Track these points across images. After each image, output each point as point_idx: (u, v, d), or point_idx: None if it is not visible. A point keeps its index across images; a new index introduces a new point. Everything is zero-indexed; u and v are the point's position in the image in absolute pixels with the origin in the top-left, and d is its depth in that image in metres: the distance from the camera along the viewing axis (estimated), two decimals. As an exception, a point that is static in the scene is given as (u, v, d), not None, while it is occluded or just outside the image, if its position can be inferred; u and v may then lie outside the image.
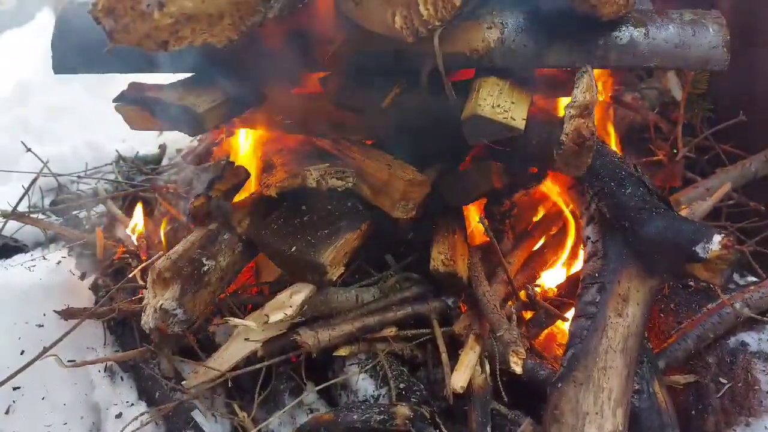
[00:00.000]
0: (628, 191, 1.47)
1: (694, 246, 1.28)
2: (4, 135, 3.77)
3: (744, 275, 1.97)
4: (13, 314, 1.75)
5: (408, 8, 1.18)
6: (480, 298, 1.51)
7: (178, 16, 1.01)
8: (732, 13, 2.19)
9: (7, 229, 2.38)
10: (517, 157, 1.67)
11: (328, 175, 1.49)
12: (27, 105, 4.13)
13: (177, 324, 1.46)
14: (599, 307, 1.39)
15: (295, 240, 1.53)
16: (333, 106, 1.70)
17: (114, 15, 1.00)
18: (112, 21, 1.01)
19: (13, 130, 3.81)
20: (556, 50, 1.60)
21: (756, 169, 1.94)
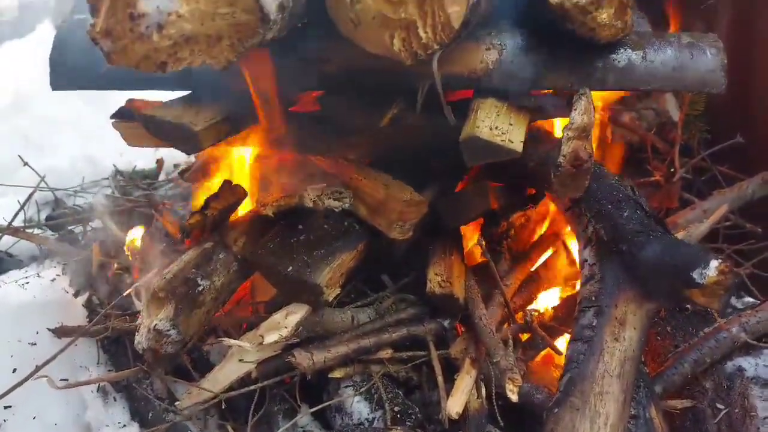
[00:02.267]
0: (626, 214, 1.47)
1: (691, 271, 1.28)
2: (3, 146, 3.78)
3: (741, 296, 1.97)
4: (6, 332, 1.74)
5: (407, 31, 1.19)
6: (476, 321, 1.50)
7: (177, 38, 1.01)
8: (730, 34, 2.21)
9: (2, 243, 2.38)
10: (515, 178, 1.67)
11: (324, 196, 1.49)
12: (26, 116, 4.13)
13: (170, 345, 1.45)
14: (596, 331, 1.38)
15: (292, 260, 1.52)
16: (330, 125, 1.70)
17: (112, 36, 1.00)
18: (110, 42, 1.00)
19: (11, 141, 3.82)
20: (555, 72, 1.60)
21: (753, 191, 1.94)
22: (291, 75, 1.55)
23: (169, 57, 1.04)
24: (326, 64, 1.52)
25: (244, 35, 1.08)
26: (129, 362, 1.70)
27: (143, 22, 0.97)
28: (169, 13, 0.97)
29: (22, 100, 4.31)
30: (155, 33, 0.98)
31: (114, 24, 0.99)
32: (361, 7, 1.17)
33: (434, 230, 1.72)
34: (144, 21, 0.97)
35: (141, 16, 0.97)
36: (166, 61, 1.05)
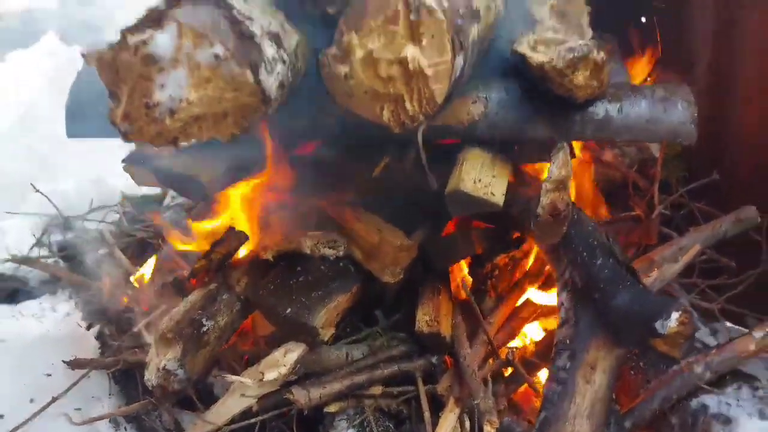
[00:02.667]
0: (599, 262, 1.58)
1: (655, 322, 1.39)
2: (12, 164, 3.90)
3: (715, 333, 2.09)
4: (24, 363, 1.85)
5: (395, 104, 1.30)
6: (460, 362, 1.62)
7: (187, 119, 1.13)
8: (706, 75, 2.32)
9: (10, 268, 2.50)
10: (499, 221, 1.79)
11: (320, 244, 1.61)
12: (34, 134, 4.24)
13: (177, 382, 1.56)
14: (569, 374, 1.49)
15: (290, 302, 1.64)
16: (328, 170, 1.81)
17: (129, 120, 1.12)
18: (128, 125, 1.12)
19: (20, 160, 3.94)
20: (537, 124, 1.72)
21: (726, 229, 2.05)
22: (291, 129, 1.66)
23: (179, 134, 1.16)
24: (324, 119, 1.64)
25: (247, 113, 1.19)
26: (138, 394, 1.82)
27: (157, 109, 1.09)
28: (180, 100, 1.09)
29: (30, 117, 4.42)
30: (168, 117, 1.10)
31: (131, 110, 1.11)
32: (354, 82, 1.29)
33: (424, 269, 1.83)
34: (158, 108, 1.09)
35: (155, 105, 1.08)
36: (177, 137, 1.16)
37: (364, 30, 1.26)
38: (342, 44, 1.29)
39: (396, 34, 1.24)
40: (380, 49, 1.25)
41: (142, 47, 1.04)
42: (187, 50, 1.06)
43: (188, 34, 1.05)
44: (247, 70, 1.11)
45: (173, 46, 1.04)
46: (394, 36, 1.24)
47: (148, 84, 1.07)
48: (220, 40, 1.08)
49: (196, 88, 1.08)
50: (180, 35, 1.05)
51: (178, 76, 1.06)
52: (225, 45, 1.08)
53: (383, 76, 1.27)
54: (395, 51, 1.24)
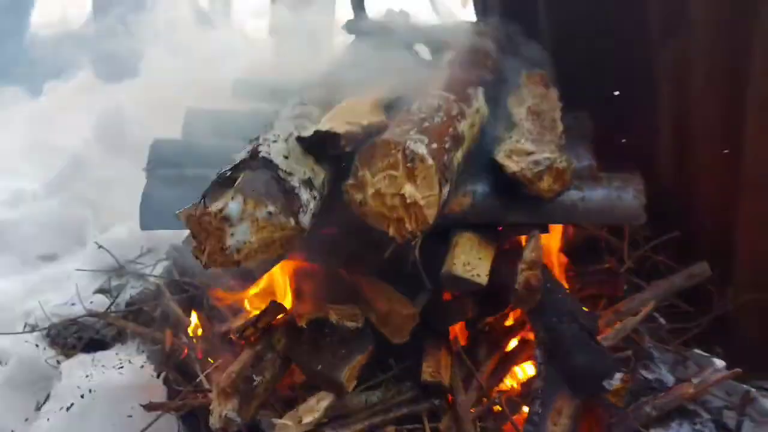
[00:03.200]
0: (565, 327, 2.00)
1: (603, 380, 1.81)
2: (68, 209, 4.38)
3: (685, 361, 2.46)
4: (109, 408, 2.31)
5: (398, 223, 1.72)
6: (457, 405, 2.05)
7: (247, 253, 1.57)
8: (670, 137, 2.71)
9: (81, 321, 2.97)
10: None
11: (343, 318, 2.04)
12: (83, 178, 4.71)
13: (236, 425, 2.02)
14: (541, 418, 1.91)
15: (321, 360, 2.08)
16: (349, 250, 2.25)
17: (208, 254, 1.56)
18: (206, 258, 1.56)
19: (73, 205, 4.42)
20: (515, 211, 2.13)
21: (681, 283, 2.45)
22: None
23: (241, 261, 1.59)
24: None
25: (288, 241, 1.63)
26: (201, 429, 2.27)
27: (228, 249, 1.53)
28: (245, 242, 1.53)
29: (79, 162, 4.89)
30: (235, 254, 1.54)
31: (209, 248, 1.55)
32: (367, 208, 1.72)
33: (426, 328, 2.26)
34: (228, 249, 1.53)
35: (227, 247, 1.52)
36: (239, 261, 1.60)
37: (373, 169, 1.69)
38: (358, 177, 1.72)
39: (397, 176, 1.66)
40: (386, 187, 1.68)
41: (219, 213, 1.48)
42: (250, 212, 1.49)
43: (250, 201, 1.49)
44: (291, 218, 1.55)
45: (239, 210, 1.48)
46: (396, 177, 1.67)
47: (222, 233, 1.51)
48: (272, 200, 1.52)
49: (255, 234, 1.52)
50: (245, 203, 1.49)
51: (243, 228, 1.50)
52: (275, 204, 1.52)
53: (388, 205, 1.70)
54: (397, 188, 1.67)
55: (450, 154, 1.81)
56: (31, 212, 4.52)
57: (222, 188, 1.56)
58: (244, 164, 1.60)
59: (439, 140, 1.78)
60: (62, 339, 2.85)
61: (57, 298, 3.35)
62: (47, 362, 2.69)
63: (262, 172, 1.58)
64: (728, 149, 2.35)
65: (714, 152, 2.44)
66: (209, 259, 1.55)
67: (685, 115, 2.55)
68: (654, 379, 2.28)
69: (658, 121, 2.69)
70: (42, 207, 4.55)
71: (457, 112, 1.99)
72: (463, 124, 1.98)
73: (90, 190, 4.59)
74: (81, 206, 4.44)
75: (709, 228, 2.54)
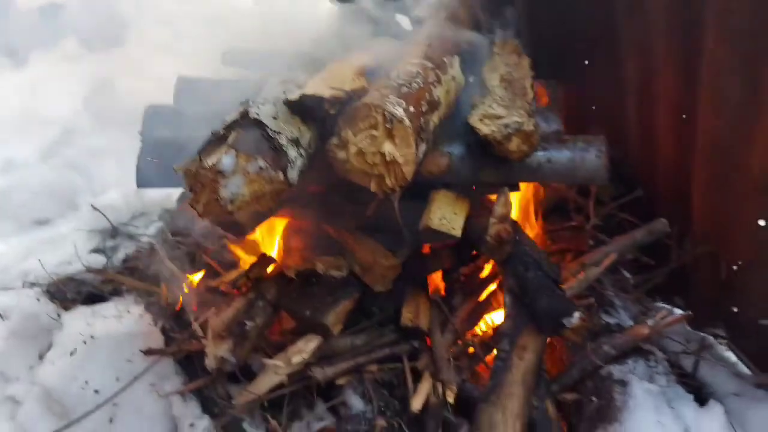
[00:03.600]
0: (530, 275, 2.18)
1: (563, 319, 2.01)
2: (59, 177, 4.49)
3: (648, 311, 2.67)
4: (110, 353, 2.48)
5: (379, 179, 1.89)
6: (434, 345, 2.25)
7: (240, 205, 1.73)
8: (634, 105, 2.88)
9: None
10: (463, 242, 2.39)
11: (330, 267, 2.23)
12: (74, 146, 4.81)
13: (229, 366, 2.20)
14: (508, 353, 2.11)
15: (309, 306, 2.27)
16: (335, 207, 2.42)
17: (203, 206, 1.72)
18: (202, 208, 1.72)
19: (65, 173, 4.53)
20: (487, 171, 2.30)
21: (641, 238, 2.65)
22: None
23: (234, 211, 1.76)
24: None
25: (278, 194, 1.80)
26: (197, 372, 2.44)
27: (222, 200, 1.69)
28: (237, 194, 1.69)
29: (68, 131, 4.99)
30: (228, 204, 1.70)
31: (204, 200, 1.71)
32: (350, 166, 1.88)
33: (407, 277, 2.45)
34: (223, 200, 1.69)
35: (221, 198, 1.68)
36: (232, 212, 1.76)
37: (355, 129, 1.86)
38: (341, 137, 1.89)
39: (377, 136, 1.83)
40: (367, 146, 1.84)
41: (214, 167, 1.64)
42: (242, 165, 1.66)
43: (242, 156, 1.65)
44: (280, 172, 1.71)
45: (233, 164, 1.64)
46: (376, 137, 1.83)
47: (216, 185, 1.67)
48: (262, 155, 1.68)
49: (247, 186, 1.68)
50: (237, 157, 1.65)
51: (236, 180, 1.66)
52: (265, 159, 1.68)
53: (370, 162, 1.87)
54: (377, 146, 1.84)
55: (426, 117, 1.98)
56: (23, 179, 4.60)
57: (216, 145, 1.72)
58: (236, 124, 1.76)
59: (416, 104, 1.95)
60: (61, 295, 3.00)
61: (53, 258, 3.49)
62: (48, 315, 2.85)
63: (252, 131, 1.74)
64: (685, 115, 2.52)
65: (673, 119, 2.61)
66: (205, 210, 1.71)
67: (647, 84, 2.72)
68: (614, 323, 2.49)
69: (623, 89, 2.86)
70: (34, 173, 4.64)
71: (433, 79, 2.15)
72: (438, 90, 2.14)
73: (81, 157, 4.70)
74: (73, 173, 4.56)
75: (668, 188, 2.73)
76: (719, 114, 2.29)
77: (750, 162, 2.22)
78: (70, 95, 5.48)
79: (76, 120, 5.06)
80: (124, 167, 4.75)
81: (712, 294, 2.66)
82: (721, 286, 2.59)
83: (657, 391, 2.21)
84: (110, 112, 5.11)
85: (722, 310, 2.65)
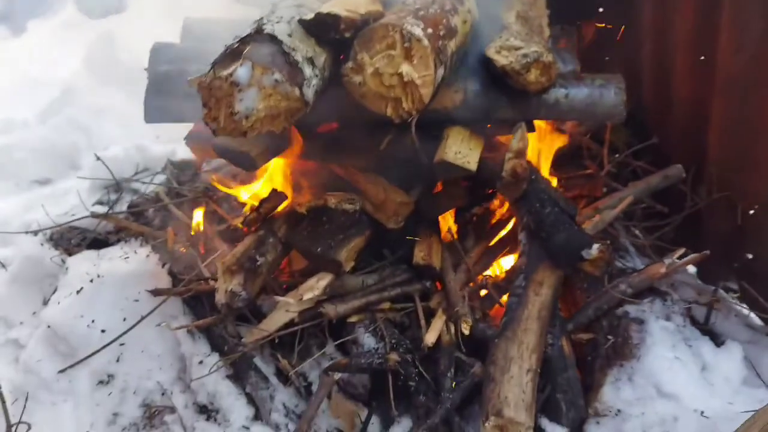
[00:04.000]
0: (547, 210, 2.15)
1: (581, 251, 1.97)
2: (59, 135, 4.43)
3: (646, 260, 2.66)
4: (117, 293, 2.44)
5: (396, 102, 1.84)
6: (446, 284, 2.21)
7: (255, 121, 1.68)
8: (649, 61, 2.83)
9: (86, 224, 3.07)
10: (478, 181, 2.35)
11: (342, 201, 2.18)
12: (75, 106, 4.74)
13: (240, 301, 2.16)
14: (524, 290, 2.08)
15: (320, 242, 2.22)
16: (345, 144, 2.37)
17: (218, 121, 1.67)
18: (215, 124, 1.68)
19: (65, 131, 4.46)
20: (503, 108, 2.26)
21: (657, 183, 2.61)
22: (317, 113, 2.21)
23: (248, 129, 1.71)
24: (342, 108, 2.18)
25: (293, 113, 1.75)
26: (206, 312, 2.40)
27: (237, 115, 1.64)
28: (253, 109, 1.64)
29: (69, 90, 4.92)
30: (244, 120, 1.65)
31: (219, 115, 1.66)
32: (366, 89, 1.84)
33: (419, 218, 2.40)
34: (237, 114, 1.64)
35: (236, 113, 1.63)
36: (246, 131, 1.71)
37: (371, 52, 1.81)
38: (357, 60, 1.84)
39: (395, 56, 1.78)
40: (384, 66, 1.79)
41: (229, 77, 1.59)
42: (257, 77, 1.60)
43: (258, 67, 1.60)
44: (296, 87, 1.66)
45: (248, 75, 1.59)
46: (393, 57, 1.78)
47: (231, 99, 1.62)
48: (278, 68, 1.63)
49: (262, 101, 1.63)
50: (253, 68, 1.59)
51: (251, 94, 1.61)
52: (281, 72, 1.63)
53: (386, 85, 1.82)
54: (394, 67, 1.79)
55: (444, 41, 1.92)
56: (23, 138, 4.54)
57: (230, 59, 1.66)
58: (250, 38, 1.70)
59: (434, 27, 1.89)
60: (65, 241, 2.95)
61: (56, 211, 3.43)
62: (52, 260, 2.80)
63: (267, 45, 1.68)
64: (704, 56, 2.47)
65: (691, 60, 2.56)
66: (218, 124, 1.66)
67: (664, 26, 2.66)
68: (629, 267, 2.46)
69: (641, 35, 2.81)
70: (34, 133, 4.58)
71: (450, 7, 2.09)
72: (455, 19, 2.08)
73: (82, 116, 4.63)
74: (73, 132, 4.49)
75: (684, 133, 2.68)
76: (739, 50, 2.24)
77: (770, 97, 2.18)
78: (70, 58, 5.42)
79: (76, 81, 4.98)
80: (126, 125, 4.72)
81: (727, 241, 2.63)
82: (735, 232, 2.56)
83: (674, 329, 2.18)
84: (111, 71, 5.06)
85: (736, 257, 2.62)
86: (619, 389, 2.07)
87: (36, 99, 5.05)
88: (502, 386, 1.88)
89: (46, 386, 2.33)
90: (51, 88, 5.05)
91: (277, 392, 2.20)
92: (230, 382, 2.23)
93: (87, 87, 4.92)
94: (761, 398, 2.03)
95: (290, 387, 2.25)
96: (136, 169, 3.78)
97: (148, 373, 2.34)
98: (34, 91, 5.22)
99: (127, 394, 2.30)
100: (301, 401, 2.23)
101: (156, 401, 2.29)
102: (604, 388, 2.09)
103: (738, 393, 2.09)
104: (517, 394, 1.86)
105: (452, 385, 2.05)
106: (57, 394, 2.32)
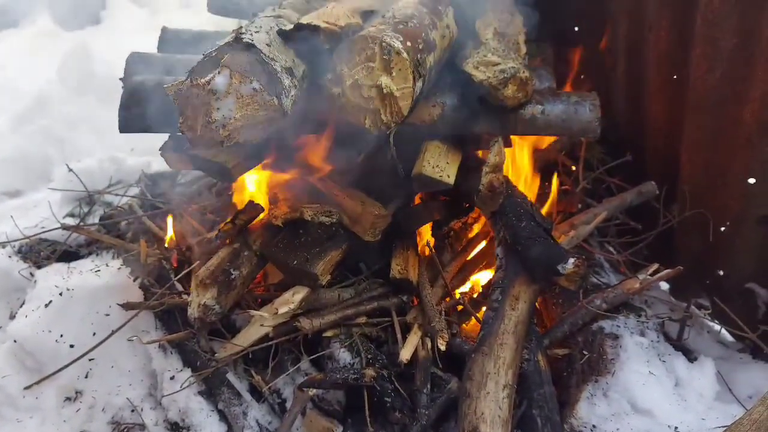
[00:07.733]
0: (523, 224, 2.15)
1: (557, 265, 1.98)
2: (32, 145, 4.34)
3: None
4: (87, 306, 2.38)
5: (374, 115, 1.84)
6: (423, 298, 2.20)
7: (232, 130, 1.66)
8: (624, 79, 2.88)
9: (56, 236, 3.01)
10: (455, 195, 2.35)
11: (318, 214, 2.16)
12: (48, 116, 4.66)
13: (214, 315, 2.12)
14: (500, 304, 2.08)
15: (296, 255, 2.20)
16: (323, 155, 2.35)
17: (193, 130, 1.65)
18: (191, 133, 1.65)
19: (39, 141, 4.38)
20: (480, 122, 2.27)
21: (631, 199, 2.64)
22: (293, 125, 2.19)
23: (225, 138, 1.69)
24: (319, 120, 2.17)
25: (271, 122, 1.73)
26: (178, 327, 2.36)
27: (214, 124, 1.62)
28: (230, 118, 1.62)
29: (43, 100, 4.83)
30: (221, 129, 1.63)
31: (196, 123, 1.64)
32: (345, 100, 1.83)
33: (396, 231, 2.40)
34: (214, 123, 1.62)
35: (213, 121, 1.61)
36: (223, 140, 1.69)
37: (351, 63, 1.80)
38: (336, 72, 1.83)
39: (374, 68, 1.78)
40: (363, 78, 1.79)
41: (207, 85, 1.57)
42: (235, 86, 1.59)
43: (236, 75, 1.58)
44: (274, 97, 1.65)
45: (226, 84, 1.58)
46: (373, 69, 1.78)
47: (208, 107, 1.60)
48: (256, 77, 1.62)
49: (240, 109, 1.62)
50: (231, 77, 1.58)
51: (229, 102, 1.59)
52: (260, 81, 1.62)
53: (365, 96, 1.81)
54: (373, 79, 1.79)
55: (423, 55, 1.93)
56: (-8, 148, 4.44)
57: (208, 67, 1.64)
58: (229, 46, 1.69)
59: (413, 41, 1.89)
60: (35, 254, 2.89)
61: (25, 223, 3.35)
62: (20, 273, 2.73)
63: (246, 54, 1.67)
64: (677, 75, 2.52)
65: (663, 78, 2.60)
66: (194, 132, 1.64)
67: (638, 44, 2.72)
68: (603, 283, 2.47)
69: (613, 54, 2.86)
70: (6, 143, 4.48)
71: (429, 22, 2.10)
72: (434, 33, 2.09)
73: (56, 127, 4.55)
74: (46, 143, 4.41)
75: (657, 150, 2.73)
76: (712, 67, 2.29)
77: (742, 114, 2.22)
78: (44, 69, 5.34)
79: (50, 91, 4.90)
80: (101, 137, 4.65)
81: (699, 258, 2.67)
82: (707, 249, 2.60)
83: (648, 345, 2.19)
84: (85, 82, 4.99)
85: (708, 274, 2.66)
86: (594, 405, 2.07)
87: (9, 109, 4.96)
88: (478, 402, 1.87)
89: (11, 402, 2.26)
90: (24, 98, 4.96)
91: (250, 409, 2.16)
92: (202, 398, 2.18)
93: (61, 98, 4.85)
94: (734, 413, 2.04)
95: (264, 403, 2.21)
96: (110, 181, 3.72)
97: (118, 389, 2.28)
98: (7, 101, 5.13)
99: (95, 411, 2.24)
100: (275, 418, 2.19)
101: (125, 418, 2.23)
102: (580, 404, 2.09)
103: (711, 409, 2.10)
104: (494, 410, 1.85)
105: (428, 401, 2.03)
106: (23, 410, 2.25)
